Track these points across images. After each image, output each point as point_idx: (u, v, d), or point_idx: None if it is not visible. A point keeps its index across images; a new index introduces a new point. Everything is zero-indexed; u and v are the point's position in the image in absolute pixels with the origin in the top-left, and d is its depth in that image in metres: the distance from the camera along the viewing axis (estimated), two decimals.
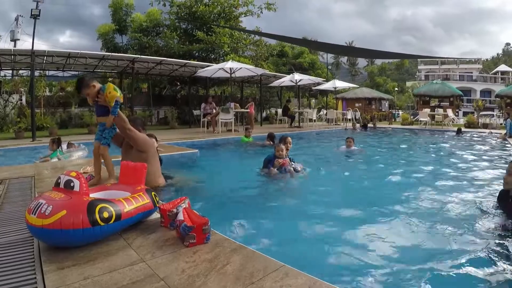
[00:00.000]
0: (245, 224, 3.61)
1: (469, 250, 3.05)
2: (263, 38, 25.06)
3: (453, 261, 2.83)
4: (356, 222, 3.75)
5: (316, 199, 4.83)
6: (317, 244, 3.22)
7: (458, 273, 2.66)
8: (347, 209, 4.26)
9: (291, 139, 6.82)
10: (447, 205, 4.46)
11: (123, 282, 2.05)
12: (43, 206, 2.45)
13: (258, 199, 4.94)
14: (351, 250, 3.06)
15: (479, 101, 36.85)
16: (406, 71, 79.33)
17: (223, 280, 2.06)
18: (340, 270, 2.72)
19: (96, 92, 4.15)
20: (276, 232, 3.45)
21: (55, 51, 14.46)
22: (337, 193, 5.15)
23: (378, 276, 2.63)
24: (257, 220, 3.81)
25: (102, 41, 25.33)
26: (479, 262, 2.80)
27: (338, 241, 3.27)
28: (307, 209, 4.32)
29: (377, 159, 8.93)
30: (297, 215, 4.14)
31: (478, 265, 2.74)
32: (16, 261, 2.38)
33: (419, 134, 17.47)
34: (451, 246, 3.16)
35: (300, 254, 2.99)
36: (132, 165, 3.38)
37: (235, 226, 3.55)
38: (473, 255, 2.92)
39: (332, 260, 2.89)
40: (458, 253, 2.99)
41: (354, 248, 3.10)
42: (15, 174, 5.52)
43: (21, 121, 15.97)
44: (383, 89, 51.67)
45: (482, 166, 7.50)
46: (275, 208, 4.48)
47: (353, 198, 4.79)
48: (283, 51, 37.01)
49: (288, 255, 2.89)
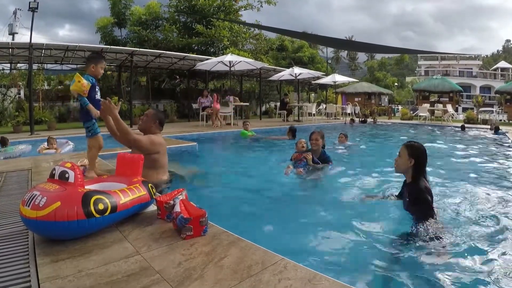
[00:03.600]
0: (244, 216, 3.58)
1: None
2: (263, 31, 24.99)
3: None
4: (357, 217, 3.71)
5: (317, 192, 4.79)
6: (317, 237, 3.17)
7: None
8: (348, 203, 4.22)
9: (320, 134, 5.82)
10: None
11: (118, 275, 2.01)
12: (37, 197, 2.40)
13: (258, 192, 4.88)
14: (351, 244, 3.02)
15: (478, 97, 36.94)
16: (406, 66, 79.18)
17: (220, 273, 2.02)
18: (340, 264, 2.68)
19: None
20: (275, 224, 3.41)
21: (53, 44, 14.35)
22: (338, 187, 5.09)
23: (378, 271, 2.59)
24: (256, 212, 3.77)
25: (101, 34, 25.17)
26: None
27: (338, 235, 3.22)
28: (308, 202, 4.29)
29: (369, 154, 8.87)
30: (298, 207, 4.10)
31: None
32: (10, 254, 2.34)
33: (420, 129, 17.38)
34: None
35: (299, 247, 2.96)
36: (129, 157, 3.33)
37: (234, 218, 3.51)
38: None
39: (331, 254, 2.84)
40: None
41: (354, 242, 3.06)
42: (12, 167, 5.49)
43: (19, 115, 15.90)
44: (382, 84, 51.49)
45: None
46: (275, 200, 4.44)
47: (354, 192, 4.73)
48: (283, 45, 36.94)
49: (287, 248, 2.85)
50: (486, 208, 3.90)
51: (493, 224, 3.36)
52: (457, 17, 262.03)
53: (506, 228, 3.23)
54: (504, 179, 5.76)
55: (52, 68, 18.88)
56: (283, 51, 37.77)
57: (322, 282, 1.93)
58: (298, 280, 1.94)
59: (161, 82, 24.83)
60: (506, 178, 5.81)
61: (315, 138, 5.74)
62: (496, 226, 3.32)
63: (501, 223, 3.35)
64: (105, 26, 24.89)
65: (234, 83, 23.42)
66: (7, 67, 18.72)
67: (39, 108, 17.44)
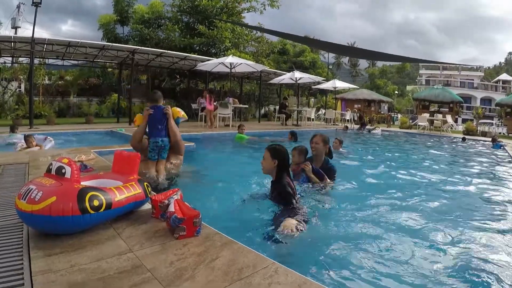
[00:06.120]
0: (238, 218, 3.59)
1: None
2: (265, 34, 25.02)
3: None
4: (350, 223, 3.73)
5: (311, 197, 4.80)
6: (309, 243, 3.19)
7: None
8: (342, 209, 4.24)
9: (321, 138, 5.17)
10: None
11: (110, 272, 2.03)
12: (33, 191, 2.42)
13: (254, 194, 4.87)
14: (343, 251, 3.04)
15: (479, 108, 36.97)
16: (407, 74, 79.37)
17: (211, 275, 2.04)
18: (330, 270, 2.69)
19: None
20: (268, 228, 3.42)
21: (55, 39, 14.34)
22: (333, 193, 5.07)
23: (367, 277, 2.61)
24: (250, 215, 3.78)
25: (103, 31, 25.15)
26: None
27: (330, 241, 3.24)
28: None
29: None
30: None
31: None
32: (4, 247, 2.36)
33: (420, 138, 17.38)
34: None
35: (291, 252, 2.97)
36: (126, 155, 3.34)
37: (227, 220, 3.52)
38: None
39: (323, 260, 2.86)
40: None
41: (346, 249, 3.08)
42: (10, 160, 5.50)
43: (19, 109, 15.94)
44: (383, 92, 51.57)
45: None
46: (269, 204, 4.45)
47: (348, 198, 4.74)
48: (285, 49, 37.05)
49: (279, 253, 2.88)
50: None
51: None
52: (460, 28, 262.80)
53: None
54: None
55: (53, 63, 18.85)
56: (285, 54, 37.87)
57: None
58: (288, 285, 1.96)
59: (161, 81, 24.84)
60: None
61: (315, 141, 5.13)
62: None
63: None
64: (107, 23, 24.87)
65: (235, 84, 23.43)
66: (8, 61, 18.72)
67: (39, 102, 17.46)
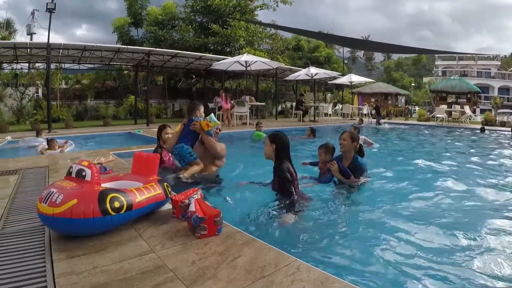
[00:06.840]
0: (258, 217, 3.55)
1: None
2: (279, 31, 24.91)
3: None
4: (372, 220, 3.67)
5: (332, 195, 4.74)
6: (331, 240, 3.14)
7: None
8: (363, 206, 4.17)
9: (350, 134, 4.90)
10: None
11: (132, 273, 2.03)
12: (54, 194, 2.44)
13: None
14: (364, 248, 2.98)
15: (497, 98, 36.07)
16: (423, 66, 78.07)
17: (233, 273, 2.02)
18: (353, 267, 2.65)
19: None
20: (290, 225, 3.38)
21: (70, 44, 14.55)
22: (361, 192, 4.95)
23: (390, 274, 2.56)
24: (270, 212, 3.74)
25: (118, 34, 25.40)
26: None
27: (352, 238, 3.19)
28: (322, 204, 4.23)
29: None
30: (312, 208, 4.05)
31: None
32: (27, 250, 2.38)
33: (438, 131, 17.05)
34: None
35: (313, 249, 2.93)
36: (145, 156, 3.35)
37: (248, 218, 3.49)
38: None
39: (345, 257, 2.81)
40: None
41: (368, 245, 3.02)
42: (30, 165, 5.59)
43: (37, 113, 16.24)
44: (399, 85, 50.78)
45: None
46: None
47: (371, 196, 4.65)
48: (299, 45, 36.74)
49: (301, 250, 2.84)
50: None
51: None
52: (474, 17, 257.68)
53: None
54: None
55: (70, 67, 19.11)
56: (299, 51, 37.58)
57: (334, 285, 1.92)
58: (311, 282, 1.93)
59: (177, 81, 25.01)
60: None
61: (343, 138, 4.86)
62: None
63: None
64: (121, 26, 25.11)
65: (250, 82, 23.40)
66: (25, 67, 19.07)
67: (57, 107, 17.72)
